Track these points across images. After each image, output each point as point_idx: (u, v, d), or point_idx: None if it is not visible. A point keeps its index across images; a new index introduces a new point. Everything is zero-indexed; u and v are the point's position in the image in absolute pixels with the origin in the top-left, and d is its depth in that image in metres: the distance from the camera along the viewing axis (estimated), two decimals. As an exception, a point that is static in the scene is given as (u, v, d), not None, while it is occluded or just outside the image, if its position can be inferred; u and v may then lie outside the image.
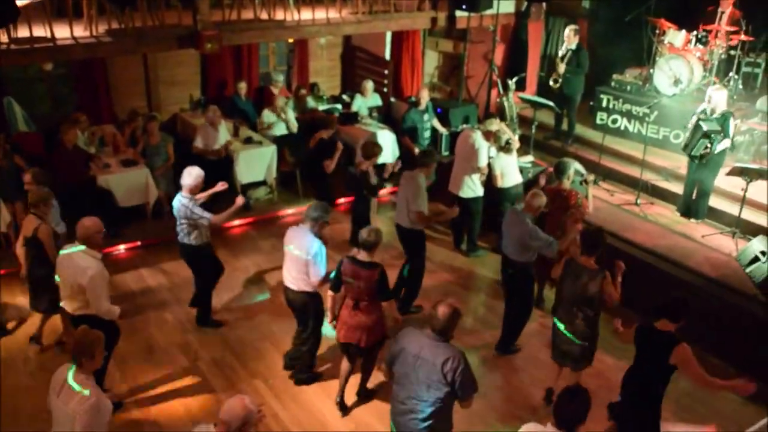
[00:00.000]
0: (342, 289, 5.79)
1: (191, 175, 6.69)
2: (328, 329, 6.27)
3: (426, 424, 4.47)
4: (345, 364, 6.15)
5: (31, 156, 8.90)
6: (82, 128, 9.19)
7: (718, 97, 8.14)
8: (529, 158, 9.79)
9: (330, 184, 9.26)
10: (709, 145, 7.94)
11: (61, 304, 5.84)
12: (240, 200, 7.02)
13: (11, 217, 8.35)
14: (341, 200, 10.14)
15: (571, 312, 5.80)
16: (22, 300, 7.67)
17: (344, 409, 6.20)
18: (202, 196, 7.04)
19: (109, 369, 6.26)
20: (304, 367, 6.59)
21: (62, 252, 5.72)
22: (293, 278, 6.14)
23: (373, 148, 8.12)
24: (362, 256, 5.64)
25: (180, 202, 6.72)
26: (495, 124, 8.54)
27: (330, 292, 5.92)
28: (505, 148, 8.44)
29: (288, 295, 6.30)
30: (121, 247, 8.96)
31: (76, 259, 5.53)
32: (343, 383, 6.21)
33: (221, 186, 7.21)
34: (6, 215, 8.26)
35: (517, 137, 8.78)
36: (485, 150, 8.43)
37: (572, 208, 7.20)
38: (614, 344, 7.14)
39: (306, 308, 6.28)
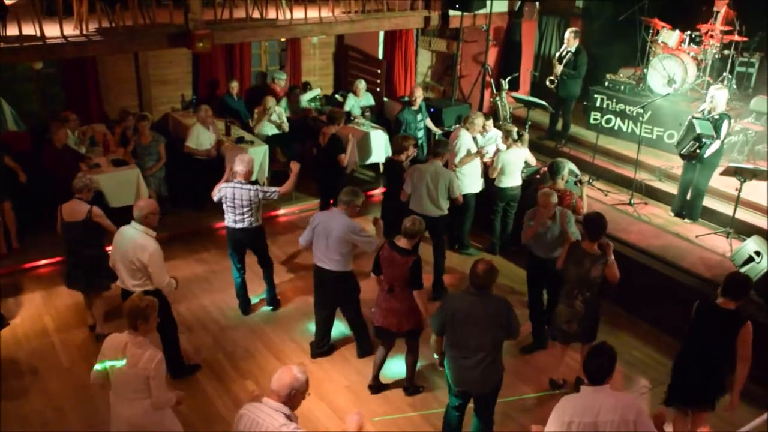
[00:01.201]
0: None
1: (244, 161, 6.99)
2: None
3: (489, 369, 5.05)
4: (380, 350, 6.35)
5: (21, 155, 8.82)
6: (72, 127, 9.11)
7: (719, 96, 8.09)
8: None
9: (344, 179, 9.10)
10: (698, 149, 7.93)
11: (118, 282, 6.16)
12: (295, 166, 7.37)
13: (1, 217, 8.27)
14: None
15: (572, 294, 6.03)
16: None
17: (377, 391, 6.44)
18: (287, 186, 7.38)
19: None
20: (363, 344, 6.92)
21: (120, 230, 6.05)
22: (331, 259, 6.39)
23: (403, 142, 8.18)
24: (402, 242, 5.84)
25: (240, 189, 6.97)
26: (480, 118, 8.53)
27: (372, 274, 6.16)
28: (518, 141, 8.41)
29: (320, 275, 6.57)
30: (111, 249, 8.86)
31: (135, 237, 5.83)
32: (376, 369, 6.43)
33: (295, 166, 7.45)
34: (-6, 215, 8.18)
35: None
36: (465, 141, 8.43)
37: (566, 208, 7.17)
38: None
39: (335, 287, 6.58)
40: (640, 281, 7.64)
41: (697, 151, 7.95)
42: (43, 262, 8.47)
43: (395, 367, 6.70)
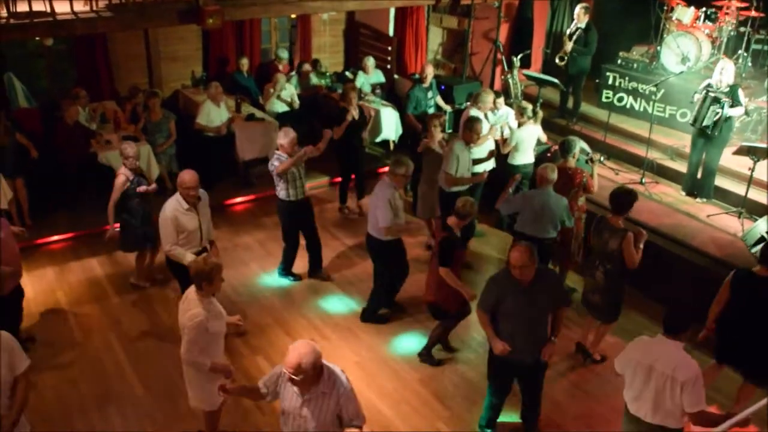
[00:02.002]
0: None
1: (288, 135, 7.17)
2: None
3: (542, 340, 5.12)
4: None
5: (32, 132, 8.85)
6: (82, 104, 9.12)
7: (729, 68, 8.03)
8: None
9: (358, 154, 9.28)
10: (719, 111, 7.84)
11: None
12: (328, 133, 7.85)
13: (13, 194, 8.32)
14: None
15: (594, 265, 6.19)
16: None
17: (423, 360, 6.58)
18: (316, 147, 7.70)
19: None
20: (370, 307, 7.14)
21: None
22: (371, 224, 6.77)
23: (432, 120, 8.28)
24: (451, 220, 6.04)
25: (280, 160, 7.20)
26: (490, 95, 8.46)
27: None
28: (533, 118, 8.40)
29: (367, 241, 6.97)
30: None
31: (165, 205, 6.04)
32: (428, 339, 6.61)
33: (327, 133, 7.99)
34: (8, 191, 8.21)
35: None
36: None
37: (576, 187, 7.15)
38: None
39: (374, 252, 6.94)
40: (650, 260, 7.61)
41: (719, 114, 7.85)
42: (55, 238, 8.54)
43: (407, 344, 6.74)
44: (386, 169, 10.13)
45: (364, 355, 6.67)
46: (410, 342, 6.78)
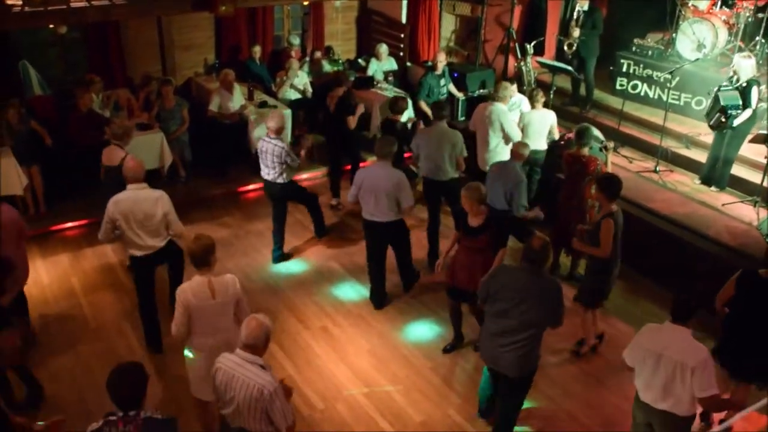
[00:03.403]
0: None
1: (275, 117, 7.36)
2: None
3: (524, 352, 4.85)
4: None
5: (46, 119, 8.90)
6: (96, 90, 9.15)
7: (745, 65, 7.93)
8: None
9: (355, 142, 9.14)
10: (723, 120, 7.78)
11: (136, 251, 6.12)
12: (309, 143, 7.99)
13: (28, 180, 8.38)
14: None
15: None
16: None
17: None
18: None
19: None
20: (409, 278, 7.38)
21: (123, 195, 5.93)
22: (384, 213, 6.69)
23: (403, 103, 8.32)
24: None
25: (271, 143, 7.33)
26: (508, 89, 8.38)
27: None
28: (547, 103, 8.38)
29: (371, 229, 6.92)
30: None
31: (143, 195, 5.93)
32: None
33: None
34: (24, 178, 8.28)
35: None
36: (509, 119, 8.21)
37: (591, 174, 7.10)
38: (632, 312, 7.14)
39: (396, 233, 6.96)
40: (663, 249, 7.59)
41: (723, 120, 7.79)
42: (70, 224, 8.60)
43: (419, 332, 6.77)
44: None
45: (376, 342, 6.69)
46: (422, 329, 6.80)
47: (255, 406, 3.90)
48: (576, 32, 9.92)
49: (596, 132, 7.87)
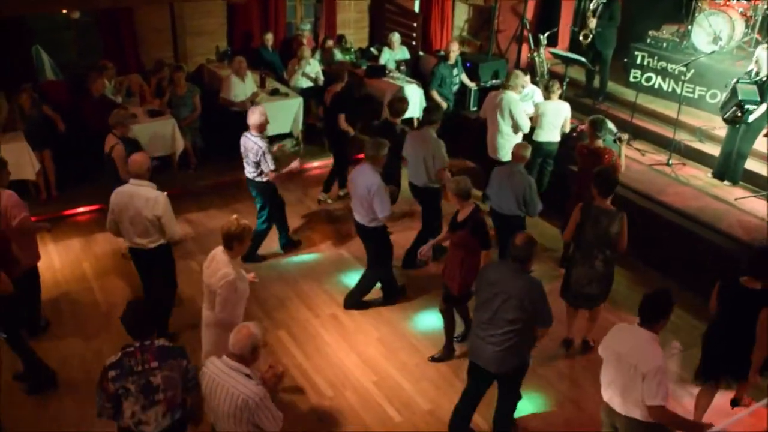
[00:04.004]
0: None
1: (255, 112, 7.03)
2: None
3: (505, 349, 4.75)
4: None
5: (58, 104, 8.93)
6: (109, 76, 9.17)
7: (764, 58, 7.83)
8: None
9: (344, 140, 8.91)
10: (739, 114, 7.70)
11: (127, 243, 6.14)
12: (296, 164, 7.57)
13: (40, 165, 8.42)
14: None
15: (591, 254, 5.92)
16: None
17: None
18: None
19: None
20: (357, 292, 6.97)
21: (124, 188, 5.92)
22: (362, 215, 6.55)
23: (402, 105, 7.95)
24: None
25: (251, 140, 7.05)
26: (520, 78, 8.35)
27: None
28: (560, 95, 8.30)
29: (356, 227, 6.81)
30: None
31: (141, 192, 5.81)
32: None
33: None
34: (36, 163, 8.32)
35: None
36: (520, 108, 8.20)
37: (606, 166, 7.03)
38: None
39: (371, 238, 6.73)
40: (675, 243, 7.55)
41: (739, 115, 7.72)
42: (82, 209, 8.64)
43: (428, 321, 6.77)
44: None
45: (385, 330, 6.70)
46: (431, 319, 6.79)
47: (240, 416, 3.84)
48: (593, 23, 9.84)
49: (609, 124, 7.83)
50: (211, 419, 4.11)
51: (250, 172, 7.29)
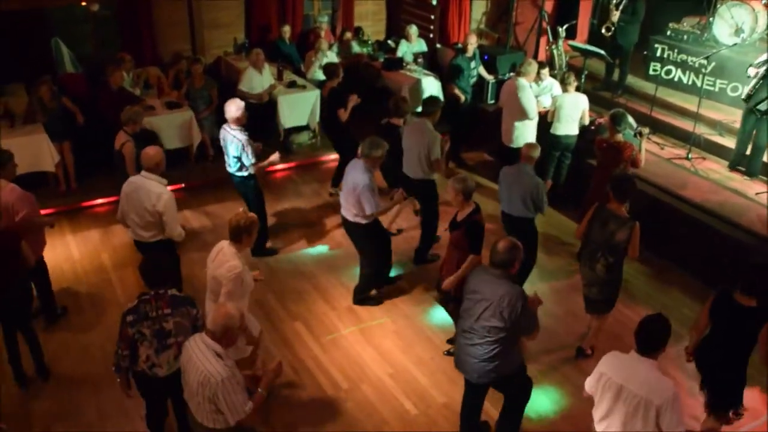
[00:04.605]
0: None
1: (233, 106, 6.84)
2: None
3: (480, 360, 4.61)
4: None
5: (77, 96, 8.98)
6: (127, 69, 9.22)
7: None
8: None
9: (347, 134, 8.70)
10: None
11: (131, 234, 6.19)
12: (276, 156, 7.31)
13: (60, 157, 8.49)
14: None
15: (594, 257, 5.78)
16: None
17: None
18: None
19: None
20: (358, 289, 6.91)
21: (133, 179, 5.95)
22: (347, 209, 6.46)
23: (398, 104, 7.77)
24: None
25: (230, 134, 6.91)
26: (534, 64, 8.30)
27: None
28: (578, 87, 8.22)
29: (342, 222, 6.71)
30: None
31: (147, 186, 5.82)
32: None
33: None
34: (55, 155, 8.39)
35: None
36: (529, 94, 8.18)
37: (625, 161, 6.98)
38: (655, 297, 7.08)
39: (353, 235, 6.65)
40: (694, 238, 7.49)
41: None
42: (100, 201, 8.70)
43: (444, 314, 6.76)
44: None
45: (402, 323, 6.70)
46: (446, 313, 6.78)
47: (201, 392, 3.96)
48: (615, 16, 9.74)
49: (629, 118, 7.75)
50: (186, 395, 4.19)
51: (229, 165, 7.14)
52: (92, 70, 9.87)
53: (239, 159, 6.98)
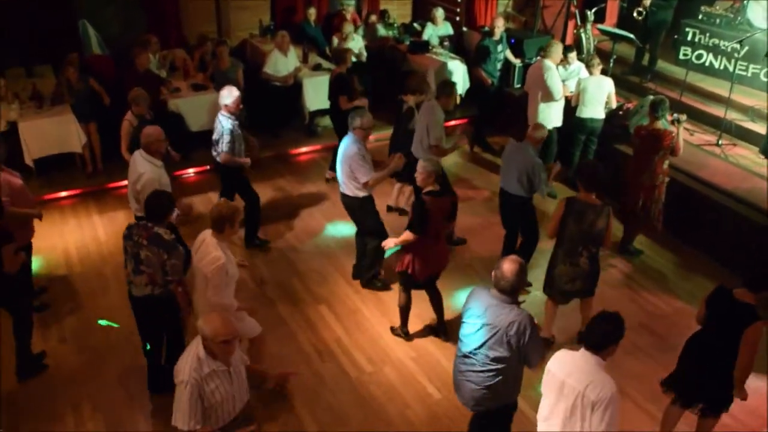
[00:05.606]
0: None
1: (232, 94, 6.77)
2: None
3: (479, 387, 4.30)
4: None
5: (104, 78, 9.03)
6: (153, 51, 9.24)
7: None
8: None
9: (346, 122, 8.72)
10: None
11: (133, 210, 6.31)
12: (247, 160, 7.11)
13: (86, 138, 8.55)
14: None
15: (576, 252, 5.62)
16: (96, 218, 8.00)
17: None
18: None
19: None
20: (367, 265, 6.86)
21: (133, 155, 6.08)
22: (345, 184, 6.45)
23: (421, 83, 7.70)
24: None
25: (219, 120, 6.83)
26: (558, 45, 8.21)
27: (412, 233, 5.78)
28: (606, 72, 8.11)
29: (342, 199, 6.66)
30: (191, 171, 9.11)
31: (137, 163, 5.95)
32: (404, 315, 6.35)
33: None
34: (82, 136, 8.46)
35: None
36: (554, 75, 8.08)
37: (665, 149, 6.85)
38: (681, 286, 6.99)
39: (354, 211, 6.63)
40: (724, 225, 7.37)
41: None
42: (126, 182, 8.71)
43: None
44: (451, 122, 10.04)
45: (424, 306, 6.63)
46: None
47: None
48: (648, 1, 9.55)
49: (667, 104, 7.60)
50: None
51: (214, 152, 7.02)
52: (119, 52, 9.92)
53: (219, 146, 6.86)
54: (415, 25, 11.82)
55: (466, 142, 7.76)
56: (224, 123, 6.77)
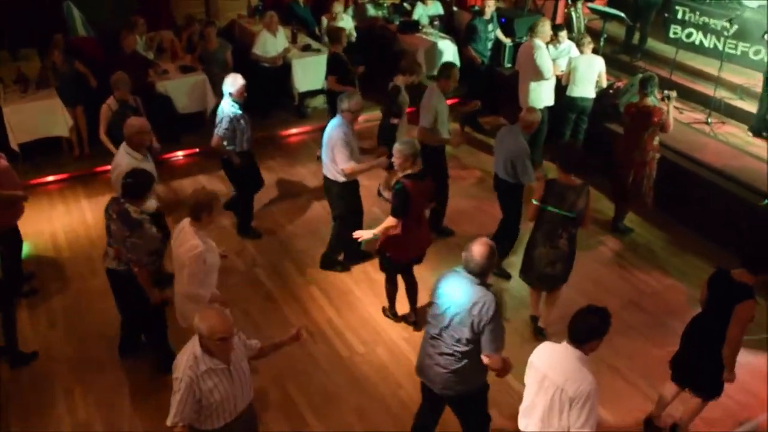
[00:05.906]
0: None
1: (237, 82, 6.61)
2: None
3: (446, 371, 4.24)
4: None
5: (90, 60, 8.93)
6: (139, 32, 9.15)
7: None
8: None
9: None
10: None
11: None
12: (236, 159, 6.91)
13: (73, 122, 8.47)
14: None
15: (555, 234, 5.57)
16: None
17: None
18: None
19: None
20: (331, 246, 6.85)
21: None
22: (327, 166, 6.40)
23: (412, 64, 7.57)
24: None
25: (222, 105, 6.69)
26: (547, 23, 8.16)
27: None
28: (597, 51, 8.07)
29: (323, 180, 6.59)
30: (179, 154, 9.05)
31: (119, 153, 5.87)
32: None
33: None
34: (69, 119, 8.38)
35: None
36: (544, 54, 8.04)
37: (654, 126, 6.86)
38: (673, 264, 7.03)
39: (331, 195, 6.58)
40: (713, 203, 7.40)
41: None
42: (115, 166, 8.69)
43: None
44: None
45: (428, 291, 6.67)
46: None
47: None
48: None
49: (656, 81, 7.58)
50: None
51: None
52: (105, 34, 9.80)
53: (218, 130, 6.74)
54: (405, 4, 11.73)
55: (460, 144, 7.78)
56: (225, 110, 6.62)
